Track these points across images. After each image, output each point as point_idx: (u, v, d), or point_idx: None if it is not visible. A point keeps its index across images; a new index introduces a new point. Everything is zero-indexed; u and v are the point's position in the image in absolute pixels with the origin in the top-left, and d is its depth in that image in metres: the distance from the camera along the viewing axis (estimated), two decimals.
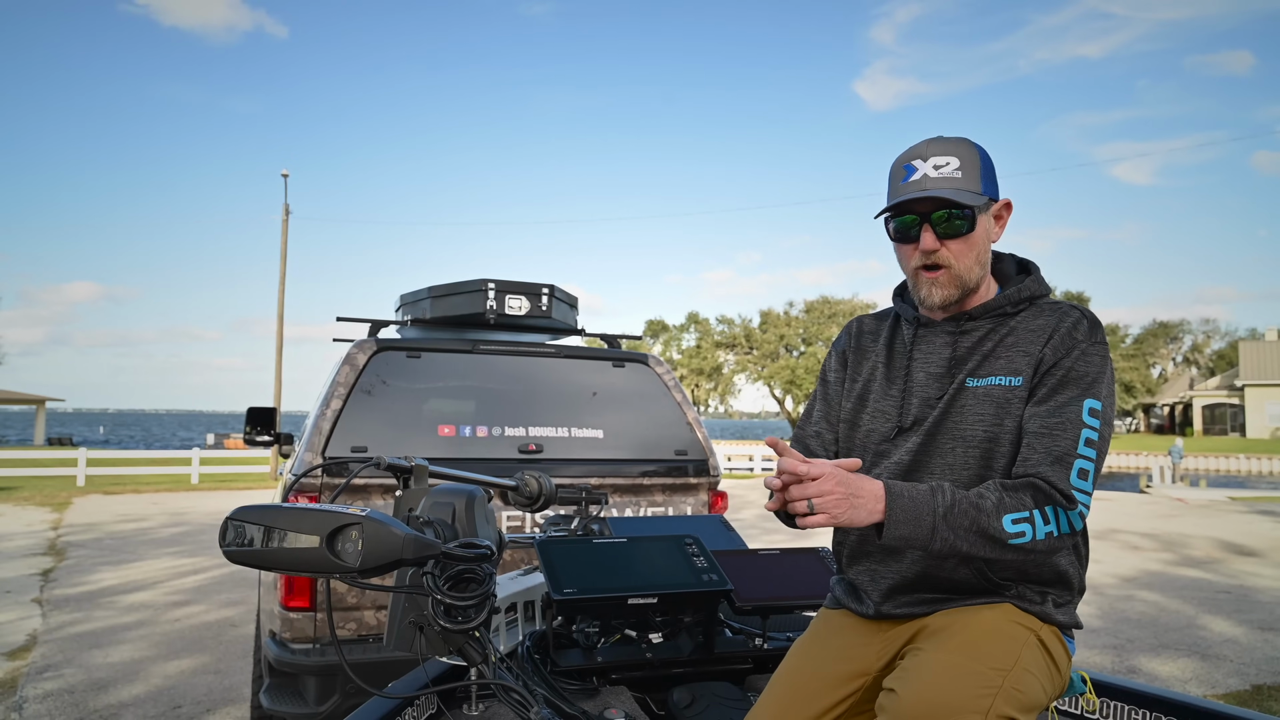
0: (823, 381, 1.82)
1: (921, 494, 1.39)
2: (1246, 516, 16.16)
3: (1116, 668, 5.66)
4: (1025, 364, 1.53)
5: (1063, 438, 1.46)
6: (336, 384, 3.47)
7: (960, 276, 1.57)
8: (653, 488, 3.84)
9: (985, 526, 1.39)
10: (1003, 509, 1.40)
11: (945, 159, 1.56)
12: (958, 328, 1.61)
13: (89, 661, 5.55)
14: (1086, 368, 1.50)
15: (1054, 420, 1.47)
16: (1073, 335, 1.52)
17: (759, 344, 59.44)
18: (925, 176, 1.55)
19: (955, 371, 1.58)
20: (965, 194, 1.53)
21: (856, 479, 1.37)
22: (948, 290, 1.58)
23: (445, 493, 1.62)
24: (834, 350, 1.84)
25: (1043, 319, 1.56)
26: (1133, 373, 57.88)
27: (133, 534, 11.88)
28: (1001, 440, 1.52)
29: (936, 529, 1.38)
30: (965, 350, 1.59)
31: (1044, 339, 1.53)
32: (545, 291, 4.08)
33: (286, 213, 23.49)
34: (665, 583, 1.96)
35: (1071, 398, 1.48)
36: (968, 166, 1.56)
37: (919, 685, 1.32)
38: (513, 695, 1.44)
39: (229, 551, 1.22)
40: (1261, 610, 7.52)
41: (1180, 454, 26.30)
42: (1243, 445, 45.68)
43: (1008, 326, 1.58)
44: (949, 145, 1.58)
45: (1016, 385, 1.52)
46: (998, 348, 1.57)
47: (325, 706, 3.12)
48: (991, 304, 1.60)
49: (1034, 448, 1.47)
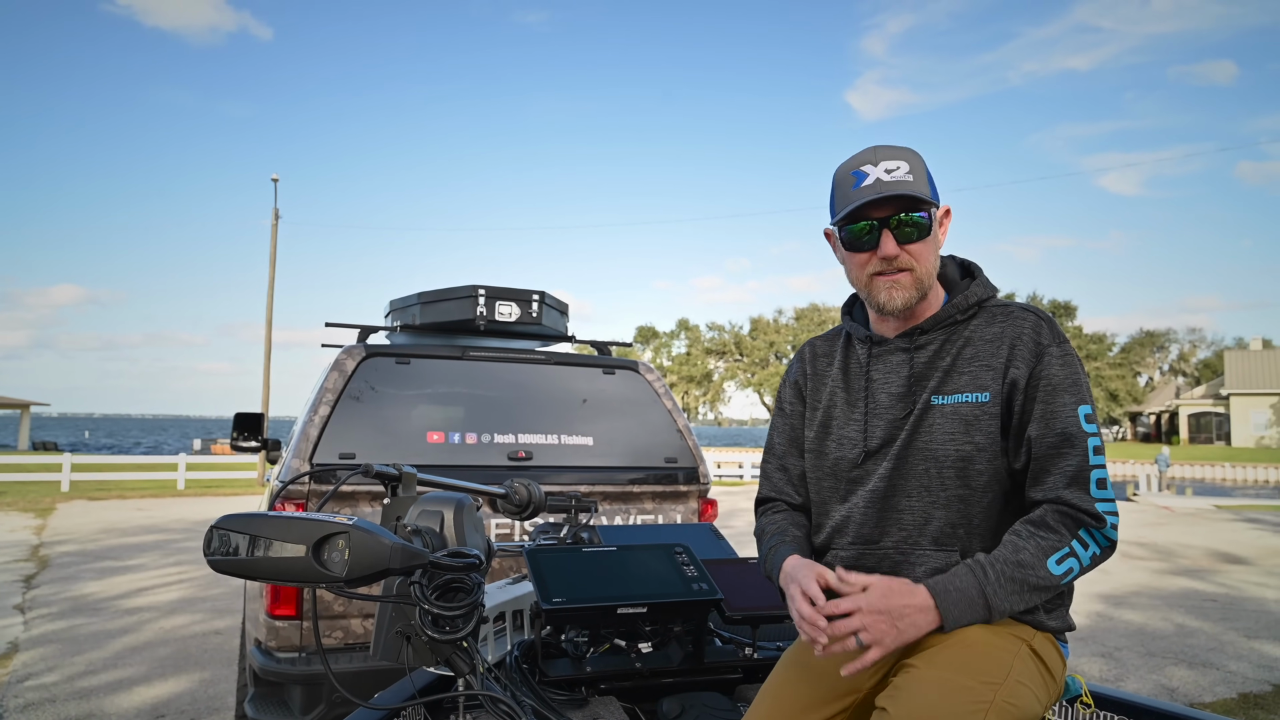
0: (780, 413, 1.80)
1: (964, 580, 1.39)
2: (1232, 524, 16.25)
3: (1105, 677, 5.67)
4: (990, 379, 1.51)
5: (1071, 454, 1.44)
6: (325, 390, 3.45)
7: (920, 279, 1.55)
8: (642, 495, 3.83)
9: (1033, 580, 1.40)
10: (1043, 554, 1.40)
11: (895, 163, 1.53)
12: (911, 343, 1.59)
13: (72, 669, 5.50)
14: (1066, 372, 1.49)
15: (1056, 438, 1.45)
16: (1038, 342, 1.50)
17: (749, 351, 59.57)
18: (879, 180, 1.51)
19: (917, 390, 1.56)
20: (919, 193, 1.52)
21: (895, 593, 1.37)
22: (908, 293, 1.55)
23: (433, 501, 1.61)
24: (787, 381, 1.82)
25: (996, 326, 1.55)
26: (1119, 381, 58.24)
27: (118, 540, 11.78)
28: (975, 458, 1.50)
29: (991, 604, 1.39)
30: (923, 366, 1.57)
31: (1005, 349, 1.51)
32: (535, 298, 4.07)
33: (276, 217, 23.41)
34: (655, 592, 1.95)
35: (1063, 407, 1.46)
36: (917, 171, 1.54)
37: (910, 703, 1.31)
38: (501, 706, 1.43)
39: (214, 560, 1.21)
40: (1248, 618, 7.55)
41: (1166, 462, 26.43)
42: (1228, 454, 45.97)
43: (962, 337, 1.56)
44: (895, 151, 1.56)
45: (984, 401, 1.51)
46: (957, 362, 1.55)
47: (311, 716, 3.09)
48: (942, 315, 1.58)
49: (1047, 470, 1.45)
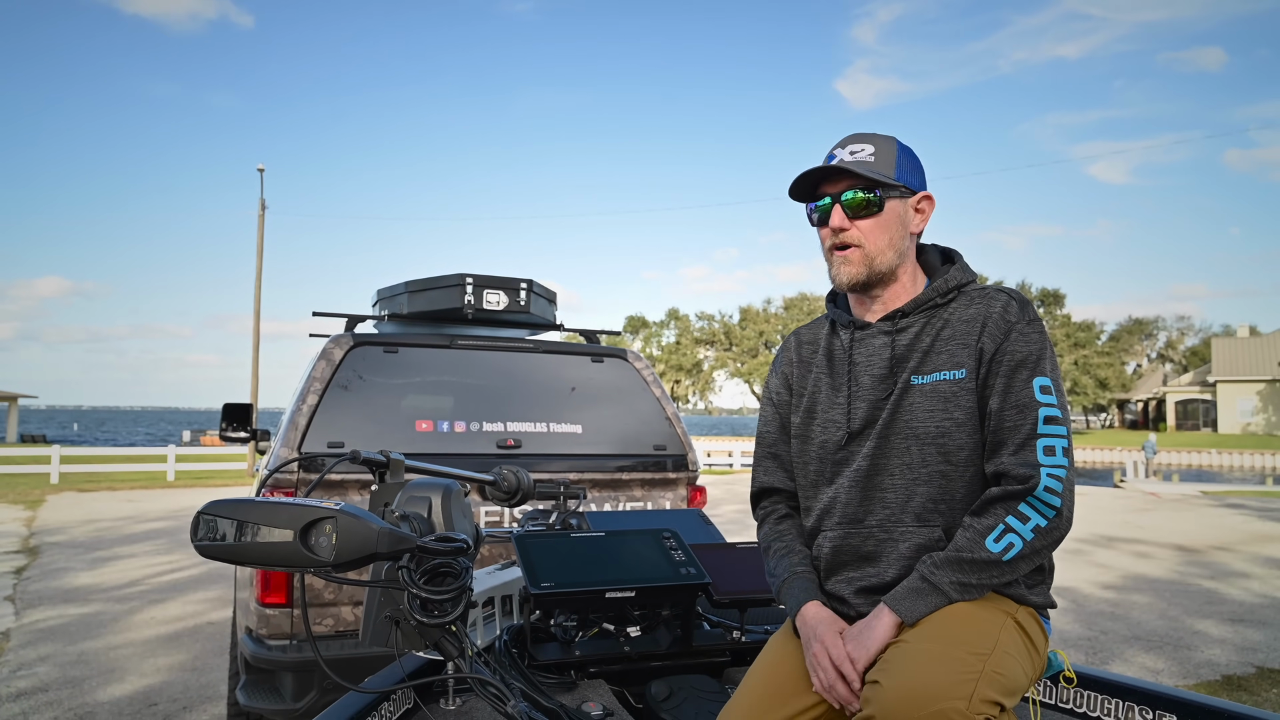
0: (768, 402, 1.84)
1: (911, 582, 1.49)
2: (1218, 510, 16.39)
3: (1090, 660, 5.72)
4: (966, 356, 1.56)
5: (1022, 424, 1.49)
6: (313, 379, 3.45)
7: (871, 257, 1.61)
8: (631, 483, 3.85)
9: (973, 560, 1.45)
10: (979, 536, 1.45)
11: (861, 146, 1.64)
12: (893, 326, 1.64)
13: (63, 659, 5.49)
14: (1027, 347, 1.53)
15: (1010, 410, 1.51)
16: (1005, 319, 1.55)
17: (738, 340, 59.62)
18: (841, 160, 1.62)
19: (898, 371, 1.60)
20: (874, 172, 1.59)
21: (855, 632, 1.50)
22: (856, 268, 1.62)
23: (421, 487, 1.61)
24: (775, 371, 1.85)
25: (974, 308, 1.59)
26: (1107, 369, 58.50)
27: (108, 531, 11.75)
28: (954, 434, 1.54)
29: (937, 585, 1.46)
30: (904, 349, 1.61)
31: (978, 328, 1.56)
32: (523, 286, 4.07)
33: (263, 208, 23.29)
34: (643, 576, 1.97)
35: (1020, 381, 1.51)
36: (882, 154, 1.62)
37: (901, 675, 1.33)
38: (490, 689, 1.44)
39: (201, 546, 1.21)
40: (1231, 603, 7.63)
41: (1154, 449, 26.59)
42: (1215, 440, 46.30)
43: (941, 320, 1.61)
44: (868, 137, 1.66)
45: (961, 378, 1.55)
46: (936, 343, 1.59)
47: (302, 703, 3.10)
48: (922, 298, 1.63)
49: (998, 441, 1.51)
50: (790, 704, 1.54)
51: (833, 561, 1.64)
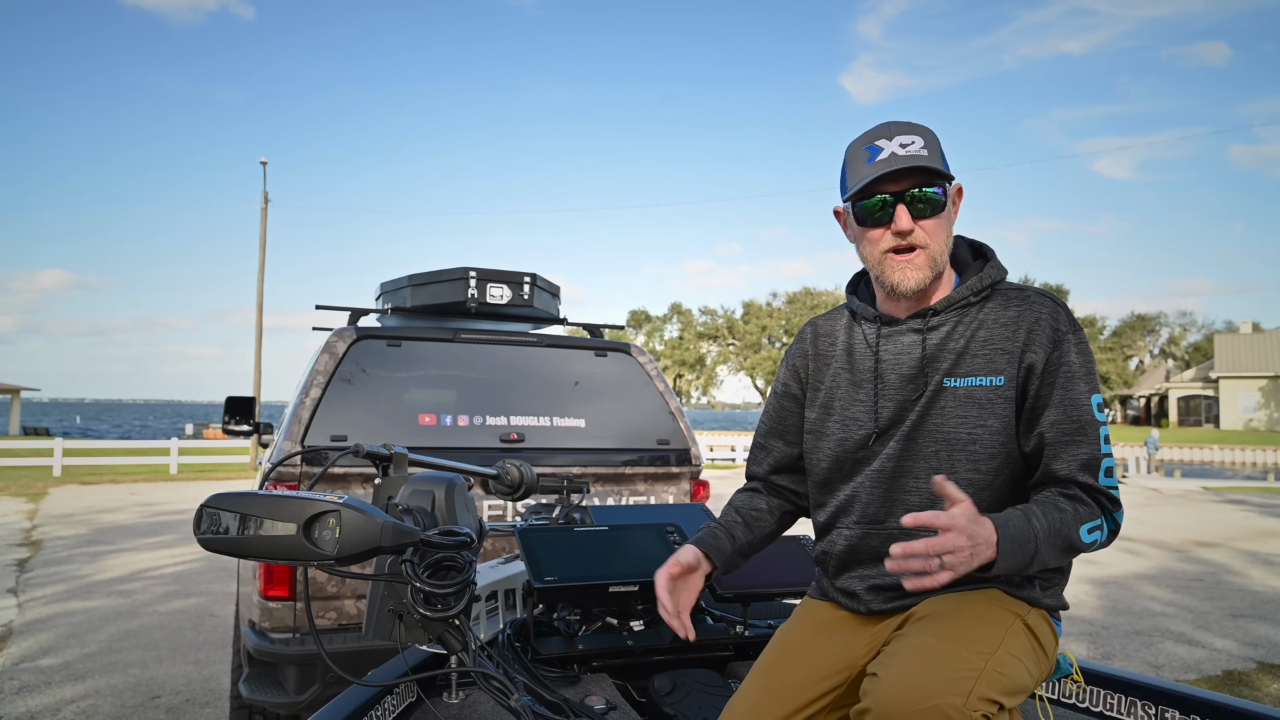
0: (773, 393, 1.80)
1: (1020, 525, 1.36)
2: (1219, 506, 16.39)
3: (1092, 655, 5.73)
4: (1005, 362, 1.50)
5: (1085, 441, 1.45)
6: (316, 372, 3.45)
7: (935, 258, 1.53)
8: (635, 477, 3.85)
9: (1070, 540, 1.40)
10: (1079, 520, 1.41)
11: (910, 138, 1.52)
12: (924, 324, 1.57)
13: (66, 652, 5.50)
14: (1082, 360, 1.49)
15: (1072, 425, 1.46)
16: (1056, 328, 1.50)
17: (741, 335, 59.59)
18: (894, 155, 1.50)
19: (930, 372, 1.55)
20: (939, 167, 1.51)
21: (976, 526, 1.32)
22: (923, 272, 1.52)
23: (425, 480, 1.61)
24: (786, 362, 1.80)
25: (1012, 310, 1.53)
26: (1110, 365, 58.46)
27: (110, 524, 11.77)
28: (986, 441, 1.50)
29: (1038, 552, 1.36)
30: (935, 348, 1.55)
31: (1022, 334, 1.50)
32: (527, 280, 4.06)
33: (265, 201, 23.28)
34: (647, 570, 1.96)
35: (1080, 395, 1.47)
36: (932, 146, 1.53)
37: (900, 669, 1.32)
38: (493, 683, 1.44)
39: (204, 539, 1.21)
40: (1233, 597, 7.63)
41: (1156, 445, 26.57)
42: (1217, 436, 46.26)
43: (976, 320, 1.55)
44: (910, 126, 1.54)
45: (999, 385, 1.50)
46: (971, 344, 1.53)
47: (305, 696, 3.11)
48: (955, 297, 1.56)
49: (1059, 456, 1.46)
50: (796, 698, 1.53)
51: (847, 558, 1.62)
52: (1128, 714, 1.79)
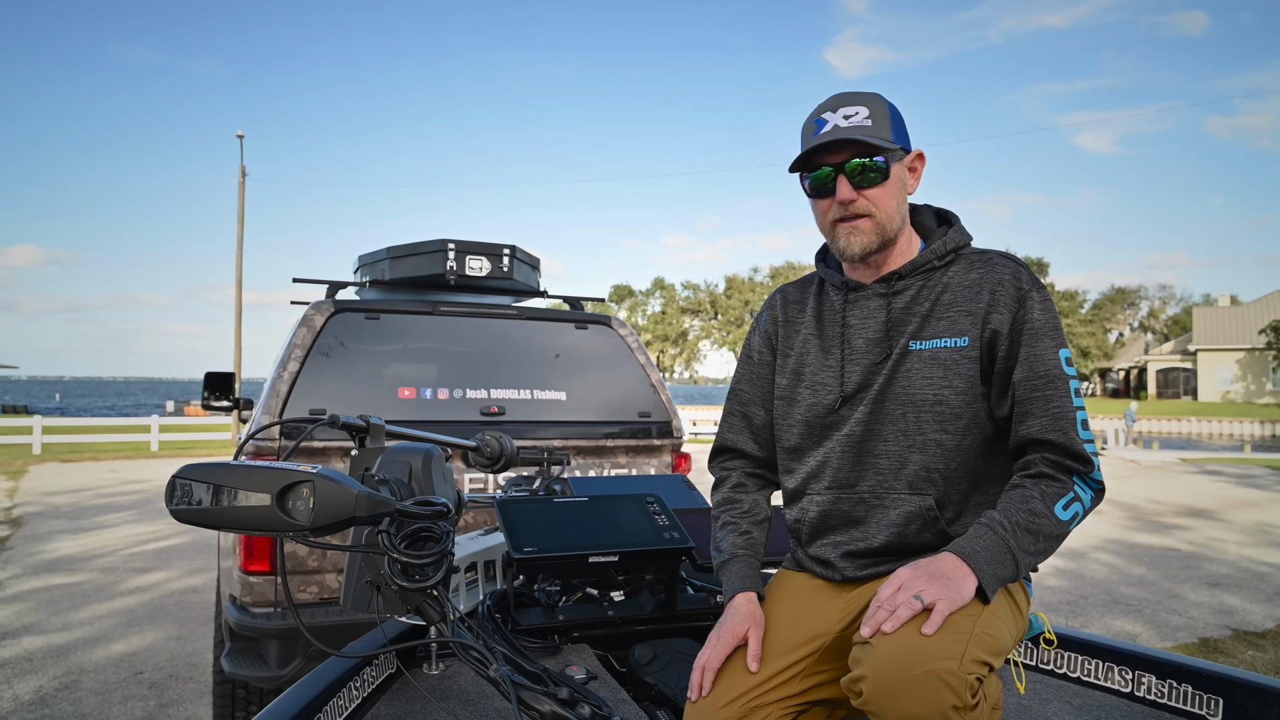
0: (747, 360, 1.79)
1: (986, 538, 1.38)
2: (1196, 477, 16.60)
3: (1069, 623, 5.80)
4: (969, 323, 1.52)
5: (1055, 396, 1.46)
6: (294, 346, 3.41)
7: (882, 225, 1.56)
8: (616, 449, 3.84)
9: (1047, 528, 1.40)
10: (1050, 501, 1.41)
11: (854, 109, 1.55)
12: (889, 289, 1.59)
13: (48, 629, 5.48)
14: (1047, 317, 1.50)
15: (1040, 380, 1.47)
16: (1019, 287, 1.52)
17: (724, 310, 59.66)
18: (836, 127, 1.54)
19: (895, 335, 1.57)
20: (875, 137, 1.52)
21: (921, 564, 1.35)
22: (868, 238, 1.56)
23: (401, 451, 1.60)
24: (757, 329, 1.80)
25: (975, 272, 1.55)
26: (1089, 338, 58.95)
27: (91, 502, 11.70)
28: (952, 401, 1.52)
29: (1017, 558, 1.37)
30: (900, 312, 1.58)
31: (986, 295, 1.52)
32: (506, 252, 4.03)
33: (243, 175, 22.99)
34: (626, 541, 1.96)
35: (1046, 350, 1.48)
36: (877, 115, 1.55)
37: (892, 636, 1.32)
38: (472, 653, 1.43)
39: (176, 511, 1.19)
40: (1209, 567, 7.75)
41: (1134, 417, 26.85)
42: (1194, 408, 46.80)
43: (940, 283, 1.57)
44: (856, 97, 1.57)
45: (963, 346, 1.52)
46: (935, 307, 1.55)
47: (287, 669, 3.11)
48: (919, 260, 1.58)
49: (1032, 414, 1.47)
50: (769, 665, 1.54)
51: (820, 525, 1.63)
52: (1104, 679, 1.81)
